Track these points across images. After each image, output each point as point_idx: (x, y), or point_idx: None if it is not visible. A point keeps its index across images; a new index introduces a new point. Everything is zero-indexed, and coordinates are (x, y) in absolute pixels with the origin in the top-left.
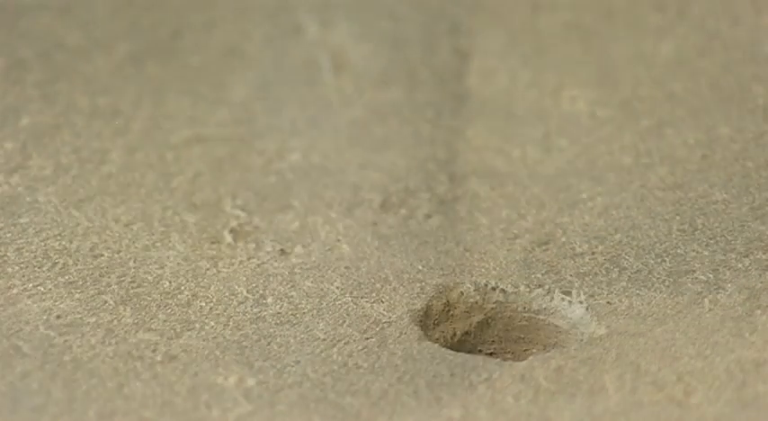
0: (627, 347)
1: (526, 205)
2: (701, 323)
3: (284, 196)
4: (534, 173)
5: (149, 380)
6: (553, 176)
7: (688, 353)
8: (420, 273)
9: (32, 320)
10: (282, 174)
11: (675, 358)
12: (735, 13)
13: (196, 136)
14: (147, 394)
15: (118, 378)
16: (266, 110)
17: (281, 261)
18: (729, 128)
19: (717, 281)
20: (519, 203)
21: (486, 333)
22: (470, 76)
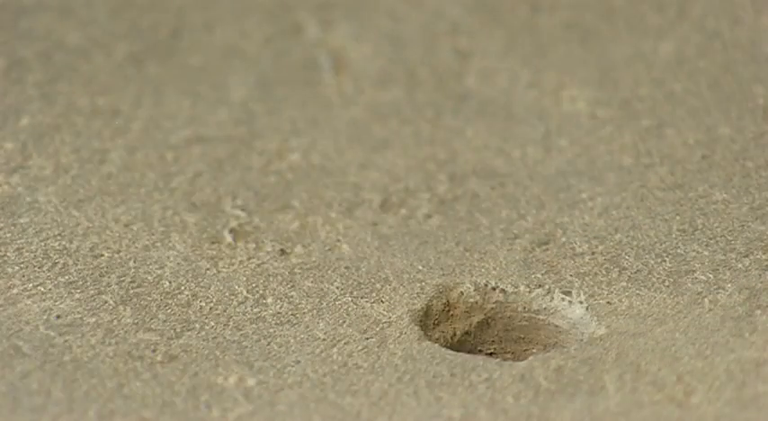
0: (627, 347)
1: (526, 205)
2: (700, 323)
3: (284, 196)
4: (534, 173)
5: (149, 380)
6: (553, 176)
7: (688, 353)
8: (420, 273)
9: (32, 320)
10: (282, 174)
11: (675, 358)
12: (735, 14)
13: (196, 136)
14: (147, 394)
15: (118, 378)
16: (266, 110)
17: (281, 261)
18: (729, 128)
19: (717, 281)
20: (519, 203)
21: (486, 333)
22: (470, 76)
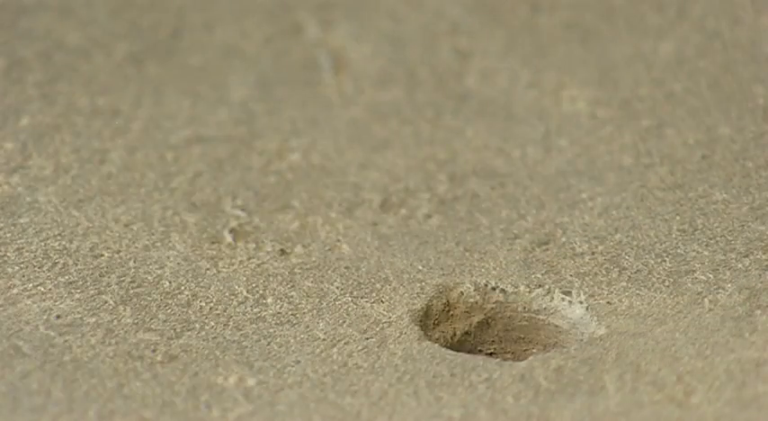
0: (627, 347)
1: (526, 205)
2: (700, 323)
3: (284, 196)
4: (534, 173)
5: (149, 380)
6: (553, 176)
7: (688, 353)
8: (420, 273)
9: (32, 320)
10: (282, 174)
11: (675, 358)
12: (735, 14)
13: (196, 136)
14: (147, 394)
15: (118, 378)
16: (266, 110)
17: (281, 261)
18: (729, 128)
19: (717, 281)
20: (519, 203)
21: (486, 333)
22: (470, 76)
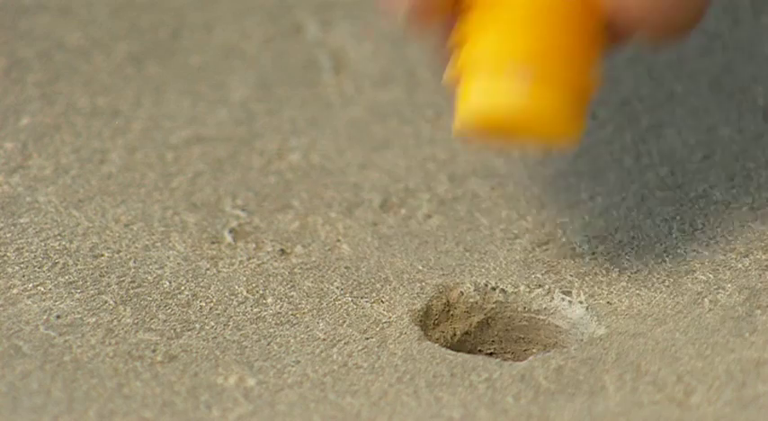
0: (627, 347)
1: (526, 205)
2: (701, 323)
3: (284, 196)
4: (534, 173)
5: (149, 380)
6: (553, 176)
7: (688, 353)
8: (420, 272)
9: (32, 320)
10: (282, 174)
11: (675, 358)
12: (735, 14)
13: (196, 136)
14: (147, 394)
15: (118, 378)
16: (266, 110)
17: (281, 261)
18: (729, 128)
19: (717, 281)
20: (519, 203)
21: (486, 333)
22: None
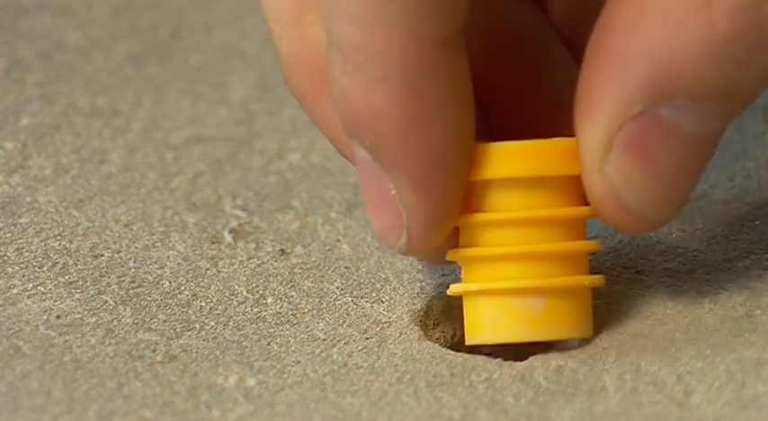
0: (627, 347)
1: None
2: (701, 323)
3: (284, 196)
4: None
5: (149, 380)
6: None
7: (688, 353)
8: (420, 272)
9: (32, 320)
10: (282, 174)
11: (675, 358)
12: None
13: (196, 136)
14: (147, 394)
15: (118, 378)
16: (266, 110)
17: (281, 261)
18: (729, 128)
19: (717, 280)
20: None
21: None
22: None
